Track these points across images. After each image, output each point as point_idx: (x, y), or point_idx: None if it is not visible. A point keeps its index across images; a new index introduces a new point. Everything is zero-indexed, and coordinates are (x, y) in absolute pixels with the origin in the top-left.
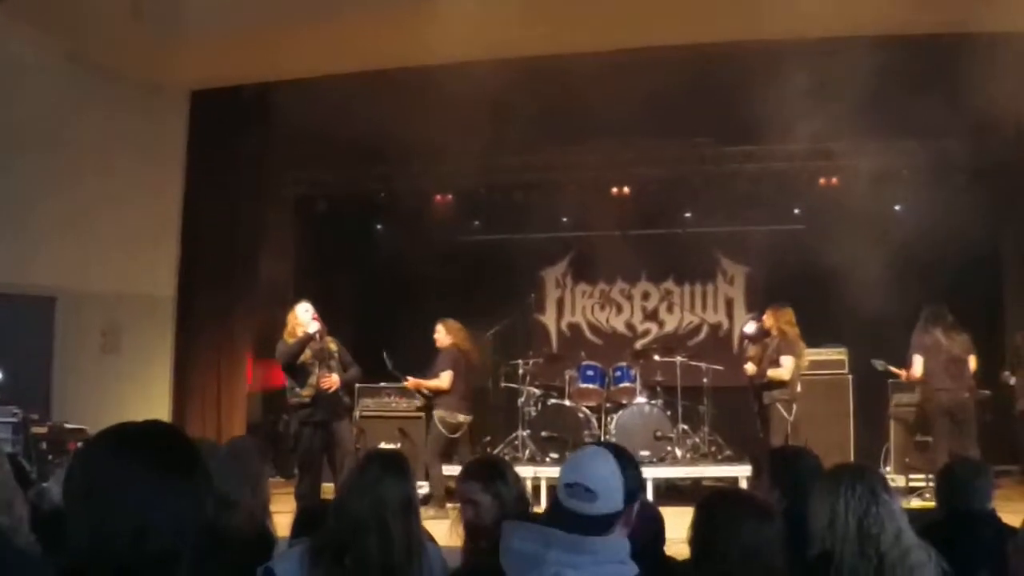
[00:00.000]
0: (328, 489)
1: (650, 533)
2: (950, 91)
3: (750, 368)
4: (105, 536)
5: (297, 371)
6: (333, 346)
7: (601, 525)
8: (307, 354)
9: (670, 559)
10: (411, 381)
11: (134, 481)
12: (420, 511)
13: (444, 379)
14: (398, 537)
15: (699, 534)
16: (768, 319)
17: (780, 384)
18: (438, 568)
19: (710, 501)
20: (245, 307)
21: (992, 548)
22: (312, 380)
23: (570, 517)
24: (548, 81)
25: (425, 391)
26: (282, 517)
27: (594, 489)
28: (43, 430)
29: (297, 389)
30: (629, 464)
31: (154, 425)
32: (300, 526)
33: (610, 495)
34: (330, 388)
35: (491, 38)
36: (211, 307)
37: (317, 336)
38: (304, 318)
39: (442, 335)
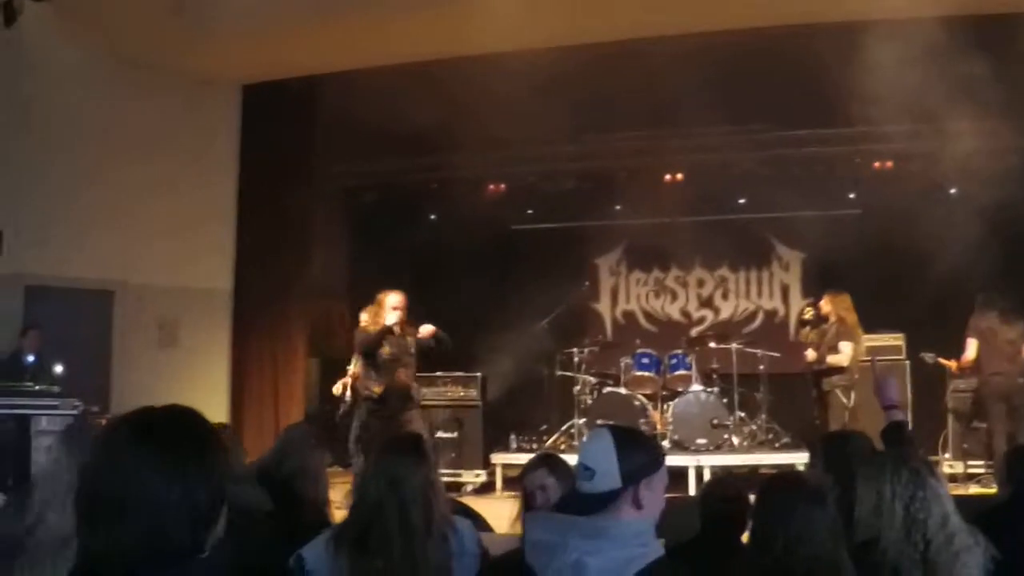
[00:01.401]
0: None
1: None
2: (1004, 72)
3: (810, 355)
4: (117, 537)
5: (374, 363)
6: (410, 341)
7: (600, 502)
8: (386, 349)
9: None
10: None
11: (146, 479)
12: (443, 491)
13: None
14: (417, 518)
15: (755, 519)
16: (826, 305)
17: (839, 370)
18: (471, 548)
19: (767, 486)
20: (299, 299)
21: None
22: (384, 378)
23: (575, 497)
24: (598, 68)
25: None
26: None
27: (592, 467)
28: (103, 423)
29: (370, 382)
30: (631, 445)
31: (161, 413)
32: None
33: (606, 473)
34: (404, 386)
35: (538, 26)
36: (266, 299)
37: (396, 330)
38: (387, 309)
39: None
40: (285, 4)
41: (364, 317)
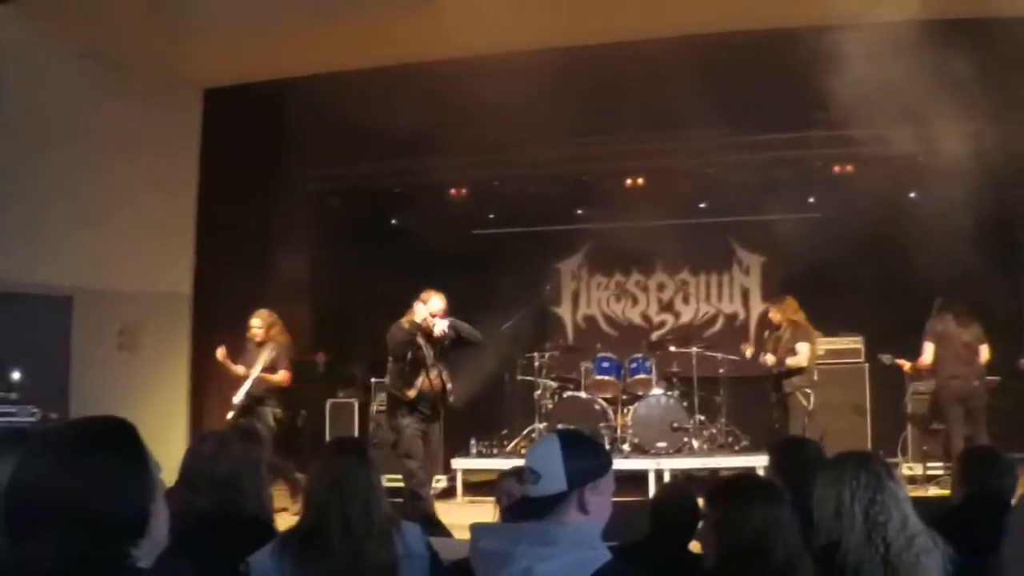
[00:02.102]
0: None
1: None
2: (963, 77)
3: (769, 359)
4: (42, 548)
5: (407, 365)
6: (446, 343)
7: (546, 506)
8: (421, 354)
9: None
10: (254, 372)
11: (71, 490)
12: (385, 493)
13: (284, 375)
14: (357, 519)
15: (712, 521)
16: (775, 314)
17: (799, 371)
18: (418, 550)
19: (723, 488)
20: (261, 303)
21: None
22: (419, 381)
23: (523, 501)
24: (560, 74)
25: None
26: None
27: (537, 470)
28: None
29: (403, 385)
30: (578, 449)
31: (87, 424)
32: None
33: (551, 476)
34: (437, 389)
35: (501, 32)
36: (228, 304)
37: (434, 332)
38: (423, 311)
39: (262, 328)
40: (257, 6)
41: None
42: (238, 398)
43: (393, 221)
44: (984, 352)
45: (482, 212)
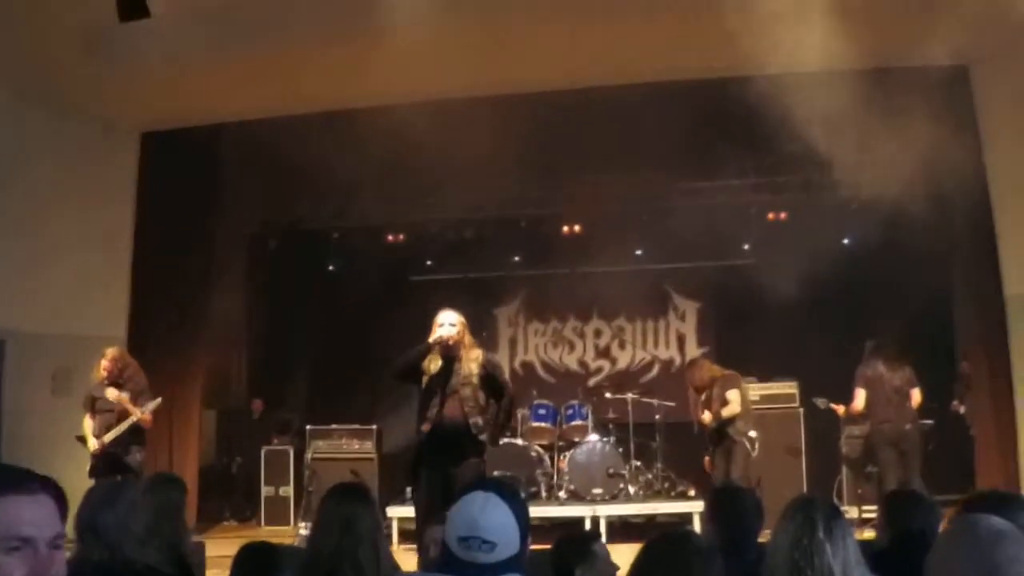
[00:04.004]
0: None
1: None
2: (895, 125)
3: (707, 417)
4: None
5: (420, 394)
6: (474, 367)
7: (500, 569)
8: (432, 374)
9: None
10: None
11: None
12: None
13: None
14: (368, 564)
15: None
16: (700, 379)
17: (736, 418)
18: None
19: (653, 543)
20: (196, 348)
21: None
22: (431, 413)
23: (468, 568)
24: (497, 120)
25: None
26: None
27: (493, 540)
28: None
29: (417, 420)
30: (520, 504)
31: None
32: None
33: (508, 542)
34: (454, 421)
35: (438, 78)
36: (163, 348)
37: (447, 349)
38: (435, 325)
39: (117, 366)
40: (195, 50)
41: None
42: (99, 445)
43: (330, 267)
44: (916, 395)
45: (419, 258)
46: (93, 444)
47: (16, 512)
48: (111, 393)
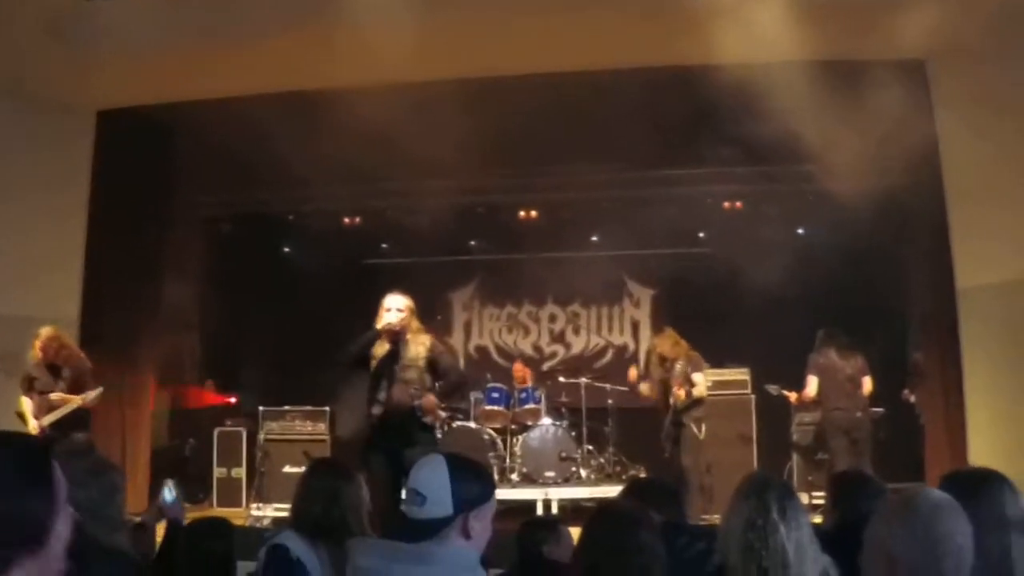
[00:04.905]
0: None
1: None
2: (852, 115)
3: (681, 394)
4: None
5: (369, 379)
6: (421, 350)
7: (430, 529)
8: (379, 358)
9: None
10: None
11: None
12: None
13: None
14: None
15: (586, 548)
16: (671, 349)
17: (698, 402)
18: None
19: (593, 516)
20: (149, 330)
21: None
22: (381, 395)
23: (404, 522)
24: (457, 105)
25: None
26: None
27: (424, 493)
28: None
29: (367, 404)
30: (466, 474)
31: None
32: None
33: (438, 500)
34: (402, 406)
35: (398, 61)
36: (115, 330)
37: (394, 335)
38: (382, 310)
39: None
40: (154, 29)
41: None
42: (38, 427)
43: (285, 249)
44: (867, 384)
45: (375, 242)
46: (33, 425)
47: None
48: (55, 396)
